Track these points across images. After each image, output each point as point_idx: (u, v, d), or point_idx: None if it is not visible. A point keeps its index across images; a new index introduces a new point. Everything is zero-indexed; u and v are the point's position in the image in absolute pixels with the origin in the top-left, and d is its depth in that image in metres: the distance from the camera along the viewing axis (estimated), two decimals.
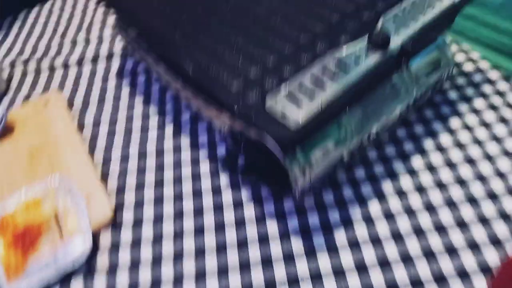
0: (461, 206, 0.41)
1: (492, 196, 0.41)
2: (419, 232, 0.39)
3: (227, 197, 0.44)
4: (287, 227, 0.41)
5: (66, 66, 0.63)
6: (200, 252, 0.40)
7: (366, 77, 0.37)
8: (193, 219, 0.43)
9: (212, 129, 0.51)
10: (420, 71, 0.44)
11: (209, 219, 0.43)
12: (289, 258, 0.39)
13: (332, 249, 0.39)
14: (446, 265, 0.37)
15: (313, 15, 0.45)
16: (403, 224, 0.40)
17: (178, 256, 0.40)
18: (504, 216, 0.40)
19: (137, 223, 0.43)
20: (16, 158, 0.50)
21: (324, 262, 0.38)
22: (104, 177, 0.48)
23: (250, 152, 0.44)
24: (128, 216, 0.44)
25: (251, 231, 0.41)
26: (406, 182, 0.43)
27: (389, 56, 0.38)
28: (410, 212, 0.41)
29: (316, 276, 0.38)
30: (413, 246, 0.39)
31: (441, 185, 0.42)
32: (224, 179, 0.46)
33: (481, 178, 0.43)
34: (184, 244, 0.41)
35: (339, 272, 0.38)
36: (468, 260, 0.37)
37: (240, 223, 0.42)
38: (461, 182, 0.43)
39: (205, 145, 0.49)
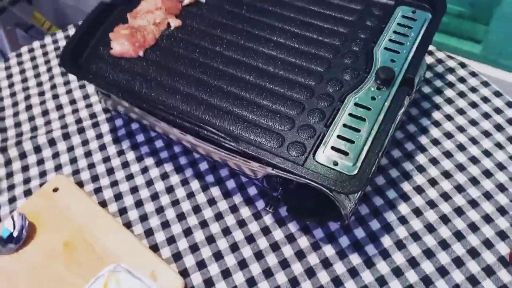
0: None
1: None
2: (445, 219, 0.50)
3: (278, 234, 0.51)
4: (341, 246, 0.49)
5: (52, 142, 0.62)
6: None
7: (390, 111, 0.44)
8: (257, 264, 0.49)
9: (236, 173, 0.56)
10: None
11: (272, 260, 0.49)
12: (354, 273, 0.47)
13: (385, 254, 0.48)
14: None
15: (310, 57, 0.51)
16: (428, 214, 0.50)
17: None
18: None
19: (208, 282, 0.48)
20: (52, 257, 0.50)
21: (382, 267, 0.47)
22: (154, 248, 0.51)
23: (293, 194, 0.50)
24: (197, 279, 0.48)
25: (313, 259, 0.49)
26: (419, 178, 0.53)
27: (399, 86, 0.46)
28: (432, 204, 0.51)
29: (381, 283, 0.46)
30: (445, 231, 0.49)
31: (446, 174, 0.53)
32: (268, 220, 0.52)
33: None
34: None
35: (397, 271, 0.47)
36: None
37: (300, 255, 0.49)
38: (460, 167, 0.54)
39: (236, 190, 0.55)
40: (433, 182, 0.53)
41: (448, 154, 0.55)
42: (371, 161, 0.41)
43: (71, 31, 0.77)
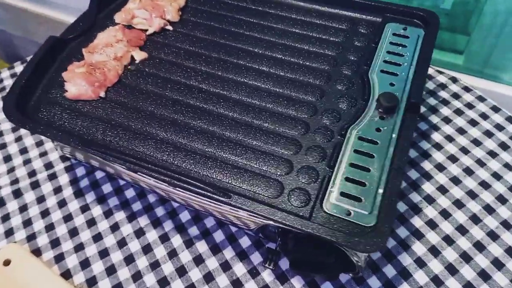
0: None
1: None
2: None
3: None
4: None
5: (1, 202, 0.52)
6: None
7: (400, 143, 0.39)
8: None
9: (224, 222, 0.48)
10: None
11: None
12: None
13: None
14: None
15: (299, 85, 0.45)
16: (447, 253, 0.44)
17: None
18: None
19: None
20: None
21: None
22: None
23: (295, 244, 0.43)
24: None
25: None
26: (430, 210, 0.47)
27: (404, 113, 0.41)
28: (448, 240, 0.45)
29: None
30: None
31: (458, 203, 0.48)
32: (267, 277, 0.45)
33: None
34: None
35: None
36: None
37: None
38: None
39: (226, 243, 0.47)
40: (445, 214, 0.48)
41: (456, 180, 0.50)
42: (390, 208, 0.35)
43: (18, 68, 0.67)
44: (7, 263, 0.46)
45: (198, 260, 0.46)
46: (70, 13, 1.13)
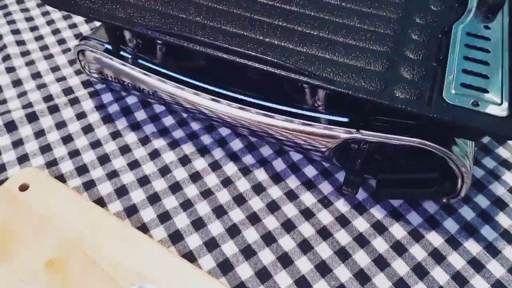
0: None
1: None
2: None
3: (362, 224, 0.37)
4: (449, 232, 0.36)
5: (10, 126, 0.44)
6: None
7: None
8: (343, 266, 0.34)
9: (284, 151, 0.42)
10: None
11: (363, 259, 0.35)
12: (478, 265, 0.35)
13: (508, 237, 0.36)
14: None
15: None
16: None
17: None
18: None
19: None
20: (29, 283, 0.32)
21: (509, 253, 0.35)
22: (189, 257, 0.35)
23: (380, 168, 0.36)
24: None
25: (417, 252, 0.35)
26: None
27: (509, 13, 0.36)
28: None
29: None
30: None
31: None
32: (342, 206, 0.38)
33: None
34: None
35: None
36: None
37: (398, 250, 0.35)
38: None
39: (289, 172, 0.40)
40: None
41: None
42: None
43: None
44: (24, 188, 0.38)
45: (258, 188, 0.39)
46: None
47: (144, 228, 0.36)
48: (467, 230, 0.37)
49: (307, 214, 0.38)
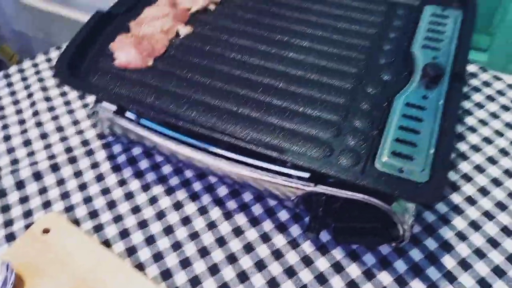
0: None
1: None
2: None
3: (323, 264, 0.43)
4: (398, 272, 0.42)
5: (37, 176, 0.53)
6: None
7: (449, 107, 0.39)
8: None
9: (262, 197, 0.49)
10: None
11: None
12: None
13: (450, 277, 0.41)
14: None
15: (342, 59, 0.46)
16: (488, 227, 0.44)
17: None
18: None
19: None
20: None
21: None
22: None
23: (337, 215, 0.43)
24: None
25: None
26: (468, 188, 0.47)
27: (449, 82, 0.42)
28: (488, 215, 0.45)
29: None
30: None
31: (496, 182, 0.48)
32: (308, 248, 0.45)
33: None
34: None
35: None
36: None
37: (352, 286, 0.41)
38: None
39: (265, 216, 0.47)
40: (483, 191, 0.48)
41: (492, 161, 0.50)
42: (444, 163, 0.35)
43: (40, 58, 0.68)
44: (46, 231, 0.46)
45: (238, 231, 0.46)
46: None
47: (140, 267, 0.44)
48: (415, 270, 0.42)
49: (277, 254, 0.44)
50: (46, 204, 0.50)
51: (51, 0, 1.23)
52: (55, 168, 0.54)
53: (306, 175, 0.42)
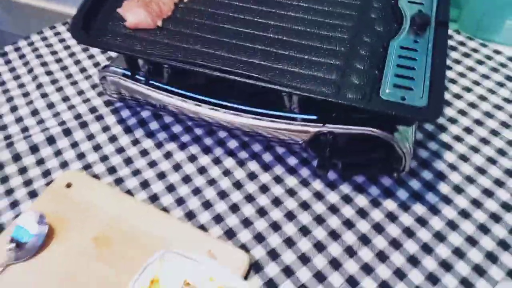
0: None
1: None
2: None
3: (333, 197, 0.48)
4: (401, 199, 0.48)
5: (50, 140, 0.55)
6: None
7: (437, 48, 0.45)
8: (320, 228, 0.46)
9: (271, 146, 0.53)
10: None
11: (335, 222, 0.46)
12: (422, 222, 0.46)
13: (447, 200, 0.47)
14: None
15: (337, 16, 0.52)
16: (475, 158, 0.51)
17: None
18: None
19: (272, 254, 0.44)
20: (82, 255, 0.43)
21: (448, 212, 0.46)
22: (202, 229, 0.46)
23: (344, 153, 0.48)
24: (259, 253, 0.44)
25: (377, 215, 0.46)
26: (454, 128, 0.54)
27: (435, 28, 0.48)
28: (474, 148, 0.52)
29: (453, 227, 0.45)
30: None
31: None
32: (318, 185, 0.49)
33: None
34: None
35: (463, 213, 0.46)
36: None
37: (362, 214, 0.47)
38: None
39: (275, 162, 0.52)
40: (468, 130, 0.54)
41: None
42: (440, 90, 0.41)
43: (34, 37, 0.70)
44: (69, 185, 0.49)
45: (252, 176, 0.50)
46: (72, 3, 1.16)
47: (165, 210, 0.47)
48: (415, 197, 0.48)
49: (291, 192, 0.49)
50: (63, 164, 0.53)
51: None
52: (67, 132, 0.56)
53: (313, 117, 0.46)
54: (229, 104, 0.49)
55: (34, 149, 0.54)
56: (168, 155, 0.53)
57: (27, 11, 1.24)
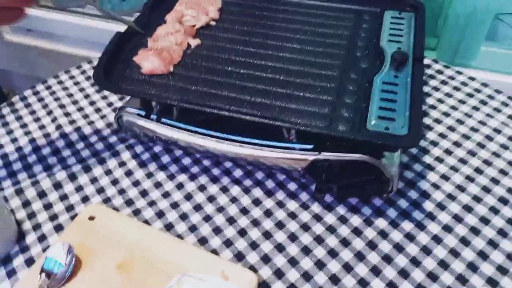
0: None
1: None
2: None
3: (331, 218, 0.53)
4: (391, 217, 0.52)
5: (72, 177, 0.60)
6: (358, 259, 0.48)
7: (415, 82, 0.51)
8: (320, 247, 0.50)
9: (272, 173, 0.58)
10: None
11: (333, 241, 0.51)
12: (411, 237, 0.50)
13: (431, 216, 0.52)
14: None
15: (326, 56, 0.57)
16: (455, 177, 0.56)
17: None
18: None
19: (278, 273, 0.48)
20: (108, 282, 0.47)
21: (433, 227, 0.51)
22: (214, 253, 0.50)
23: (338, 177, 0.53)
24: (266, 273, 0.48)
25: (370, 233, 0.51)
26: (435, 150, 0.59)
27: (413, 66, 0.53)
28: (454, 168, 0.57)
29: (438, 241, 0.50)
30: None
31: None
32: (316, 208, 0.54)
33: None
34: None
35: (446, 227, 0.51)
36: None
37: (357, 232, 0.51)
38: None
39: (277, 188, 0.56)
40: (448, 151, 0.59)
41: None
42: (418, 120, 0.46)
43: (51, 81, 0.76)
44: (92, 218, 0.53)
45: (257, 202, 0.55)
46: (76, 46, 1.23)
47: (180, 237, 0.52)
48: (403, 215, 0.53)
49: (293, 216, 0.54)
50: (85, 199, 0.57)
51: (34, 35, 1.29)
52: (87, 169, 0.61)
53: (309, 146, 0.52)
54: (233, 137, 0.54)
55: (57, 185, 0.59)
56: (180, 186, 0.58)
57: (34, 52, 1.30)
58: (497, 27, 1.01)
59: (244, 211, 0.54)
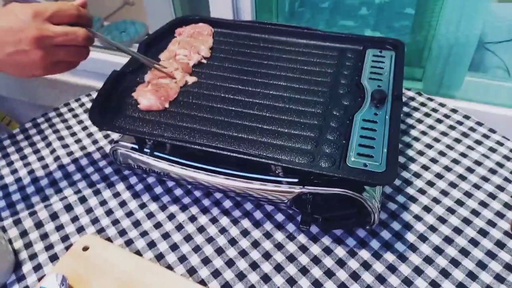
0: None
1: None
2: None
3: (316, 249, 0.54)
4: (374, 248, 0.54)
5: (68, 207, 0.61)
6: None
7: (393, 119, 0.53)
8: (305, 279, 0.51)
9: (260, 204, 0.60)
10: None
11: (317, 272, 0.52)
12: (392, 268, 0.51)
13: (413, 248, 0.53)
14: None
15: (311, 94, 0.60)
16: (436, 209, 0.57)
17: None
18: None
19: None
20: None
21: (414, 258, 0.52)
22: (202, 283, 0.51)
23: (322, 209, 0.54)
24: None
25: (353, 264, 0.52)
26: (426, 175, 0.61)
27: (392, 103, 0.56)
28: (436, 200, 0.58)
29: (418, 272, 0.51)
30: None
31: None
32: (302, 239, 0.55)
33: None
34: None
35: (427, 259, 0.52)
36: None
37: (341, 263, 0.52)
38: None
39: (265, 219, 0.58)
40: (430, 183, 0.61)
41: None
42: (394, 157, 0.48)
43: (51, 114, 0.79)
44: (86, 248, 0.55)
45: (245, 232, 0.57)
46: (78, 75, 1.26)
47: (169, 267, 0.53)
48: (386, 246, 0.54)
49: (279, 246, 0.55)
50: (80, 229, 0.59)
51: None
52: (82, 199, 0.62)
53: (295, 180, 0.53)
54: (223, 170, 0.56)
55: (54, 216, 0.60)
56: (171, 217, 0.59)
57: (35, 80, 1.34)
58: (484, 56, 1.05)
59: (232, 241, 0.56)
